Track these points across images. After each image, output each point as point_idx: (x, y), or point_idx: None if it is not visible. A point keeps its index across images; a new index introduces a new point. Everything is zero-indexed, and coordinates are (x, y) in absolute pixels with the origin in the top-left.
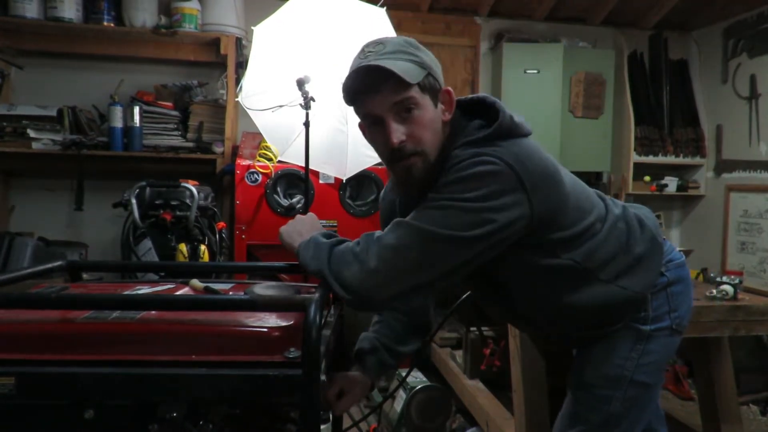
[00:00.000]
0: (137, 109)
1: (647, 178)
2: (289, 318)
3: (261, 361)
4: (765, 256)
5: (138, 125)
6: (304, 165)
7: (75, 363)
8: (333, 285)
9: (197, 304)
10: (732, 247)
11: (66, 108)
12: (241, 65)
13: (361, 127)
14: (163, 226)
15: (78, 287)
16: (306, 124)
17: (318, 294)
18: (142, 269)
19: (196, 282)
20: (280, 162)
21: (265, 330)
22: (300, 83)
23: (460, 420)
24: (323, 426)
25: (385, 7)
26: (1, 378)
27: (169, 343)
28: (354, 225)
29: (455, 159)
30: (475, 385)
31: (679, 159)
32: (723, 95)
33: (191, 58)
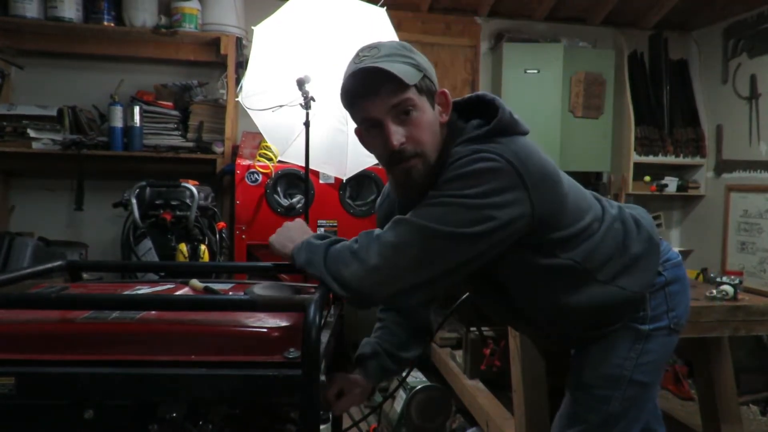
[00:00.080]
0: (137, 109)
1: (647, 178)
2: (289, 318)
3: (261, 362)
4: (765, 256)
5: (138, 125)
6: (304, 165)
7: (75, 363)
8: (331, 285)
9: (197, 304)
10: (732, 247)
11: (66, 108)
12: (241, 65)
13: (358, 133)
14: (163, 226)
15: (78, 287)
16: (306, 123)
17: (317, 294)
18: (142, 269)
19: (195, 282)
20: (280, 162)
21: (265, 330)
22: (300, 83)
23: (460, 420)
24: (323, 426)
25: (385, 7)
26: (1, 378)
27: (169, 344)
28: (354, 225)
29: (455, 156)
30: (475, 385)
31: (679, 159)
32: (723, 95)
33: (191, 57)
